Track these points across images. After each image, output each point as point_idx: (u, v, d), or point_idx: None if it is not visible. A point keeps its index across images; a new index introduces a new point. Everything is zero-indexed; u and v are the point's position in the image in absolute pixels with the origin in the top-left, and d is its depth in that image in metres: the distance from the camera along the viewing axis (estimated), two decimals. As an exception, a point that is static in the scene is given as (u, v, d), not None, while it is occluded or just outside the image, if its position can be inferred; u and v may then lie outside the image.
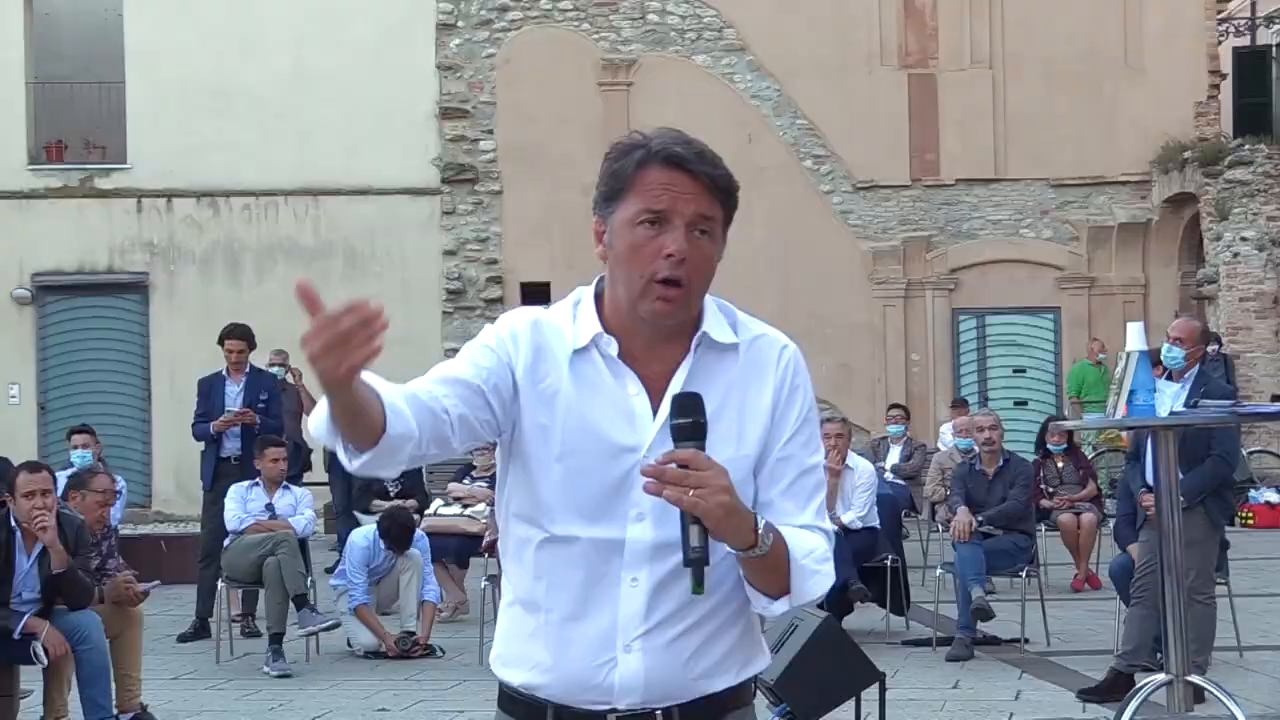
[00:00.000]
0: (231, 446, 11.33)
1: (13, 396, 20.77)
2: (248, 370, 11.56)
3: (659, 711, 2.63)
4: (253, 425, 11.21)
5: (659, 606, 2.59)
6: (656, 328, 2.61)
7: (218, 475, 11.26)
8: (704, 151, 2.59)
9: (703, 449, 2.47)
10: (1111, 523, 10.45)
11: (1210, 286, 19.98)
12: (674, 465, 2.43)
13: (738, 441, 2.62)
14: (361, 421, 2.41)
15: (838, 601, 9.90)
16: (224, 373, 11.53)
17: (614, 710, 2.62)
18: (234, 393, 11.42)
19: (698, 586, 2.47)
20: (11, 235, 20.81)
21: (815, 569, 2.60)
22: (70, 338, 20.99)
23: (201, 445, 11.66)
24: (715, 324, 2.65)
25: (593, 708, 2.63)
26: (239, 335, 11.56)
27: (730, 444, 2.60)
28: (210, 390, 11.52)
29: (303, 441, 13.41)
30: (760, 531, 2.50)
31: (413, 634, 10.25)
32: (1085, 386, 19.48)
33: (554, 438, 2.60)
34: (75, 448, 12.68)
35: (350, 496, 13.19)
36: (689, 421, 2.49)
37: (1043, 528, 12.04)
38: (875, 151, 20.92)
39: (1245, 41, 23.61)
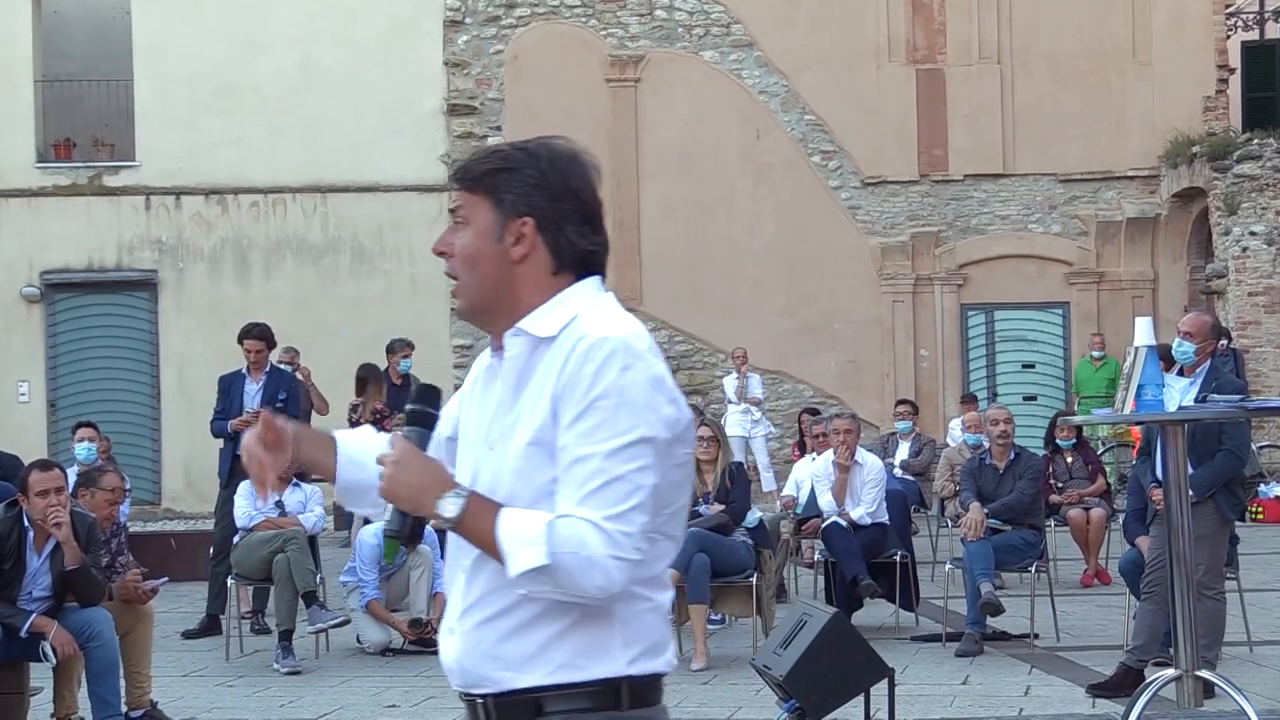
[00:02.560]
0: None
1: (22, 394, 20.79)
2: (267, 369, 11.62)
3: (479, 700, 2.70)
4: None
5: (471, 591, 2.70)
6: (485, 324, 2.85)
7: (234, 472, 11.28)
8: (476, 156, 2.80)
9: (428, 436, 2.78)
10: (1121, 518, 10.44)
11: (1219, 281, 19.95)
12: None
13: (524, 429, 2.69)
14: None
15: (847, 597, 9.91)
16: (244, 371, 11.58)
17: (467, 693, 2.73)
18: (253, 391, 11.47)
19: (388, 556, 2.80)
20: (20, 233, 20.84)
21: (512, 550, 2.59)
22: (79, 335, 21.00)
23: (220, 443, 11.70)
24: (539, 317, 2.74)
25: (459, 690, 2.76)
26: (258, 335, 11.60)
27: (524, 431, 2.69)
28: (230, 388, 11.58)
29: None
30: (437, 508, 2.62)
31: (424, 621, 10.22)
32: (1079, 383, 19.50)
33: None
34: (80, 441, 12.74)
35: None
36: (415, 409, 2.81)
37: (1052, 523, 12.04)
38: (883, 147, 20.89)
39: (1254, 36, 23.54)
